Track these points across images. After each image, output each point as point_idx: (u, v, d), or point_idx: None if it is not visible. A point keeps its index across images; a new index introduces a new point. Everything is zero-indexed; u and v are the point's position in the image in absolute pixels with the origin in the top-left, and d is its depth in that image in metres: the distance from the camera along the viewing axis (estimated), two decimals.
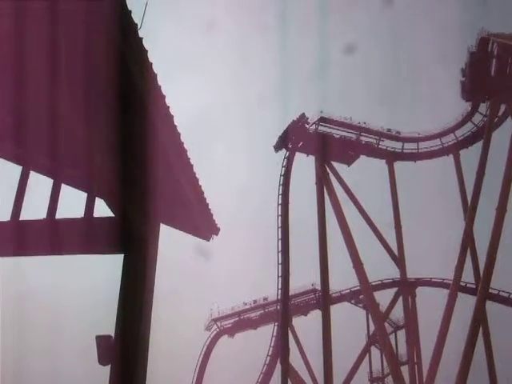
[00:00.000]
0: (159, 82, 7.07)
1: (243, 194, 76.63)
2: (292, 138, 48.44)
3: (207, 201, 8.50)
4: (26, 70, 7.39)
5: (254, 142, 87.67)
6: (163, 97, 7.21)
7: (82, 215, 8.47)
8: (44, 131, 8.33)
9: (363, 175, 57.03)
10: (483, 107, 47.35)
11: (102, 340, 7.34)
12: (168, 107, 7.32)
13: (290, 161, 48.15)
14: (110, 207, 8.24)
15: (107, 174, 7.92)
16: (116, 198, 7.93)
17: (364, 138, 51.66)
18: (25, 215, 9.13)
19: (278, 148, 48.30)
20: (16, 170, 9.63)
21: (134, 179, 7.30)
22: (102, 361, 7.34)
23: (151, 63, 6.87)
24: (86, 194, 8.67)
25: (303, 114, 48.45)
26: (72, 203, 9.35)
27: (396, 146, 52.27)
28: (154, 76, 6.99)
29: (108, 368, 7.30)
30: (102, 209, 8.46)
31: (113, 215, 8.18)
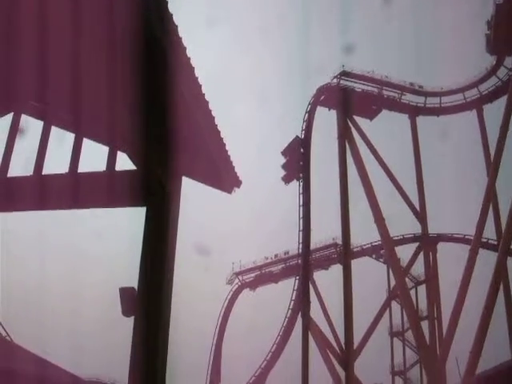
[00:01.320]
0: (180, 34, 6.99)
1: (266, 148, 76.56)
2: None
3: (229, 154, 8.46)
4: (46, 24, 7.34)
5: (278, 97, 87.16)
6: (184, 48, 7.13)
7: (104, 169, 8.49)
8: (65, 86, 8.31)
9: (386, 130, 56.61)
10: (509, 61, 46.47)
11: (125, 292, 7.42)
12: (189, 59, 7.24)
13: (311, 115, 47.77)
14: (132, 160, 8.23)
15: (129, 128, 7.90)
16: (138, 151, 7.92)
17: (386, 92, 51.06)
18: (47, 170, 9.18)
19: None
20: (38, 125, 9.66)
21: (156, 132, 7.27)
22: (126, 312, 7.42)
23: (172, 14, 6.77)
24: (107, 148, 8.68)
25: None
26: (94, 157, 9.37)
27: (418, 100, 51.65)
28: (175, 28, 6.90)
29: (132, 320, 7.39)
30: (123, 163, 8.46)
31: (135, 168, 8.19)
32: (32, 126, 10.00)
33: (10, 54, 8.34)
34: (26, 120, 10.08)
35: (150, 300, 7.28)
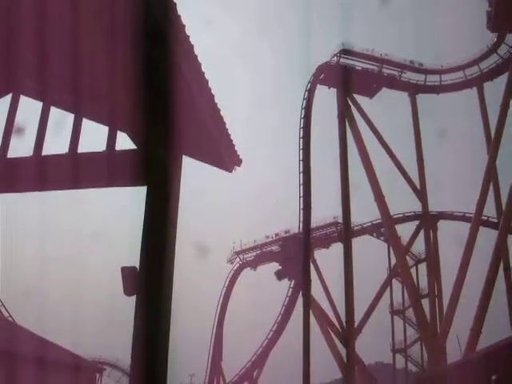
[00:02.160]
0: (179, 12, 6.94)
1: (266, 127, 76.48)
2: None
3: (230, 132, 8.43)
4: (46, 4, 7.29)
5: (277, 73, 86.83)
6: (183, 26, 7.08)
7: (104, 149, 8.47)
8: (65, 66, 8.27)
9: (385, 108, 56.50)
10: (510, 38, 46.23)
11: (126, 271, 7.43)
12: (188, 36, 7.20)
13: (311, 93, 47.60)
14: (132, 140, 8.22)
15: (129, 107, 7.87)
16: (138, 130, 7.89)
17: (386, 70, 50.87)
18: (47, 151, 9.17)
19: None
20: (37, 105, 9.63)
21: (156, 111, 7.24)
22: (127, 291, 7.44)
23: None
24: (107, 128, 8.66)
25: None
26: (93, 138, 9.35)
27: (418, 78, 51.46)
28: (174, 6, 6.86)
29: (133, 299, 7.42)
30: (123, 142, 8.45)
31: (135, 148, 8.18)
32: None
33: (9, 34, 8.30)
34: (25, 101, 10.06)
35: (151, 279, 7.29)
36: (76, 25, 7.37)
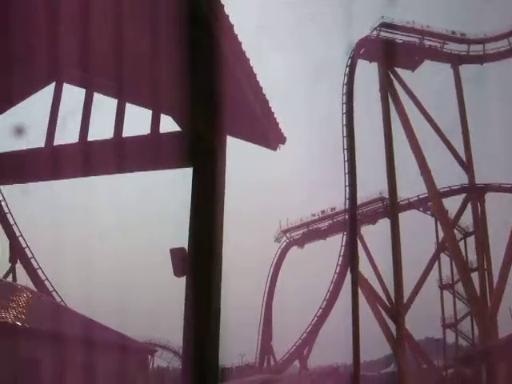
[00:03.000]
0: None
1: (308, 104, 76.07)
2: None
3: (273, 110, 8.38)
4: None
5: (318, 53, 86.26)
6: (222, 6, 7.04)
7: (148, 132, 8.51)
8: (107, 51, 8.31)
9: (428, 80, 55.62)
10: None
11: (175, 252, 7.49)
12: (228, 16, 7.15)
13: (352, 68, 47.10)
14: (176, 122, 8.23)
15: (173, 90, 7.88)
16: (183, 112, 7.89)
17: (428, 42, 50.03)
18: (91, 136, 9.26)
19: None
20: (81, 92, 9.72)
21: (200, 92, 7.22)
22: (177, 272, 7.51)
23: None
24: (150, 112, 8.68)
25: None
26: (137, 122, 9.41)
27: (461, 48, 50.49)
28: None
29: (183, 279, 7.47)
30: (165, 125, 8.48)
31: (179, 130, 8.19)
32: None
33: (51, 22, 8.37)
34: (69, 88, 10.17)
35: (200, 259, 7.33)
36: (118, 9, 7.39)
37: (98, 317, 26.94)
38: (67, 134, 9.79)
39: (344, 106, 46.04)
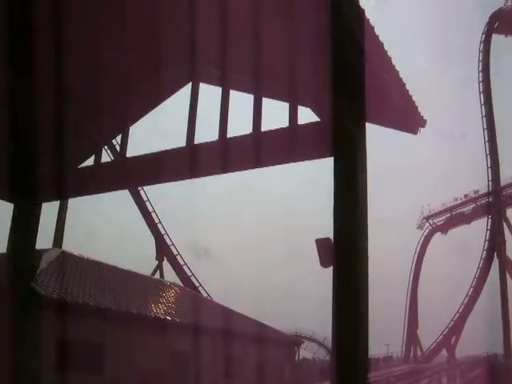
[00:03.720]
0: None
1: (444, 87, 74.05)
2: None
3: (410, 94, 8.17)
4: None
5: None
6: None
7: (287, 125, 8.54)
8: (244, 49, 8.42)
9: None
10: None
11: (321, 243, 7.47)
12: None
13: (486, 44, 45.18)
14: (316, 113, 8.21)
15: (312, 82, 7.87)
16: (322, 102, 7.86)
17: None
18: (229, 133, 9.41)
19: None
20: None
21: (338, 81, 7.14)
22: (324, 263, 7.49)
23: None
24: (286, 105, 8.70)
25: None
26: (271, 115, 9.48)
27: None
28: None
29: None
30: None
31: (318, 120, 8.17)
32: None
33: (186, 23, 8.57)
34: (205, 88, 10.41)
35: (346, 249, 7.25)
36: (254, 4, 7.46)
37: (244, 309, 27.53)
38: (206, 132, 10.01)
39: (480, 84, 44.24)
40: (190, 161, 9.62)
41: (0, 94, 9.04)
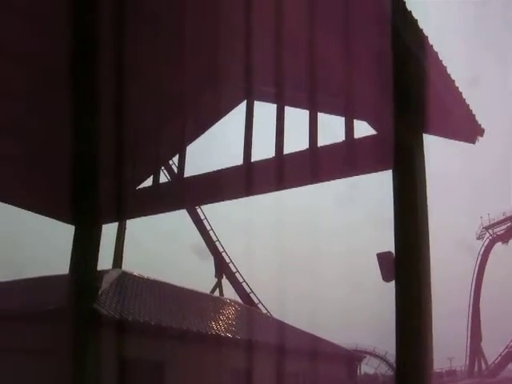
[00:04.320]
0: None
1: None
2: None
3: (467, 102, 8.07)
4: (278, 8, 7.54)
5: None
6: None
7: (343, 139, 8.54)
8: (299, 65, 8.49)
9: None
10: None
11: (383, 257, 7.43)
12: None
13: None
14: (372, 126, 8.19)
15: (368, 96, 7.86)
16: (379, 115, 7.85)
17: None
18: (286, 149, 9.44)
19: None
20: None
21: (395, 93, 7.12)
22: (386, 277, 7.43)
23: None
24: (342, 119, 8.71)
25: None
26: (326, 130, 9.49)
27: None
28: None
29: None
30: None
31: (375, 133, 8.15)
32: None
33: (239, 43, 8.68)
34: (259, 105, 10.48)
35: (408, 263, 7.20)
36: (307, 18, 7.50)
37: (302, 325, 27.39)
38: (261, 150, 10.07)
39: None
40: (247, 179, 9.68)
41: (61, 118, 9.29)
